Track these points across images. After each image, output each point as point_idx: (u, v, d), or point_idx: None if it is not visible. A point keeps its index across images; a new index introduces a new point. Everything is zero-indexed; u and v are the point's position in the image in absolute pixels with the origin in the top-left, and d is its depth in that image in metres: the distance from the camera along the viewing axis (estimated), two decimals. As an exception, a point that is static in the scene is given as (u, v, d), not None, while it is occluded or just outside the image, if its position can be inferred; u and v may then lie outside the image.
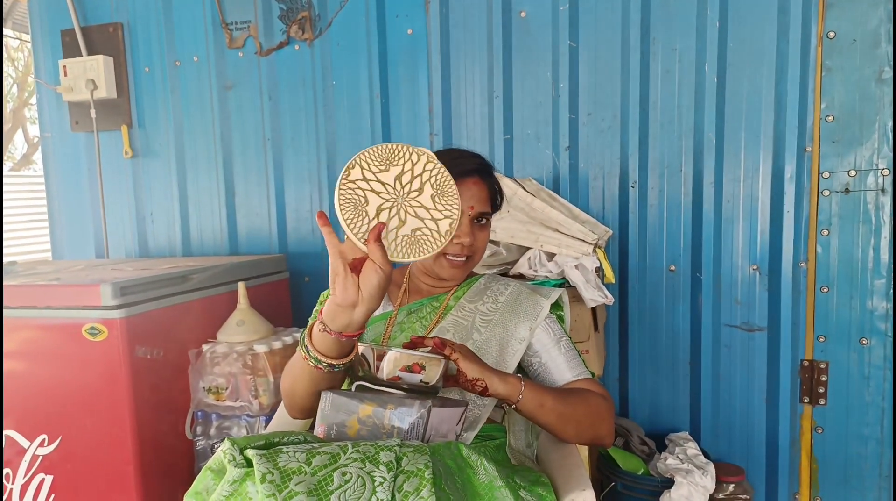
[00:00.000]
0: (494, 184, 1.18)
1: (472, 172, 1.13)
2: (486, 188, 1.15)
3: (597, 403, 1.07)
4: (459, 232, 1.11)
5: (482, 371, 0.99)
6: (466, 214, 1.12)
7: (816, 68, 1.67)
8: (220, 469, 0.85)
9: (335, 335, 0.91)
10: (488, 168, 1.17)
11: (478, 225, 1.15)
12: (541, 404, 1.02)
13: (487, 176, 1.16)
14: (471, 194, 1.12)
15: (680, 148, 1.80)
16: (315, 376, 0.98)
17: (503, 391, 1.00)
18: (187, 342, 1.64)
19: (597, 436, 1.09)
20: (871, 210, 1.67)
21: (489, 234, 1.18)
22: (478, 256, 1.17)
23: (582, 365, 1.15)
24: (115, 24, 2.22)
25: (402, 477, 0.78)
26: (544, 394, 1.03)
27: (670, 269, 1.85)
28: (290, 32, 2.08)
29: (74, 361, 1.46)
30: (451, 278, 1.17)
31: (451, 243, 1.09)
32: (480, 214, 1.13)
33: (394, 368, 0.96)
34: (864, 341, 1.70)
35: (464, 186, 1.11)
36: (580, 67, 1.86)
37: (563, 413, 1.03)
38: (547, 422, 1.04)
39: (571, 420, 1.04)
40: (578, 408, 1.05)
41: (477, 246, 1.15)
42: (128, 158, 2.27)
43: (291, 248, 2.18)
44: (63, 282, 1.50)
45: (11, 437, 1.52)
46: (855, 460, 1.74)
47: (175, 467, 1.59)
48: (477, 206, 1.13)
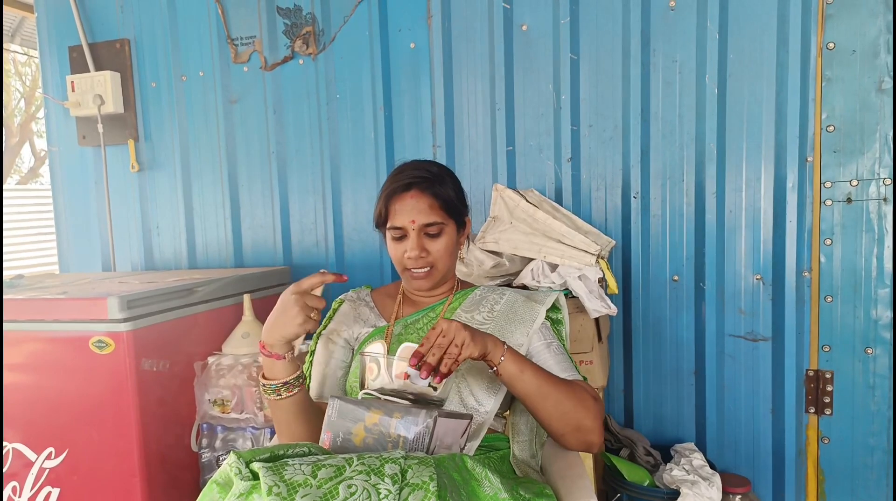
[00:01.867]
0: (441, 192, 1.16)
1: (407, 186, 1.15)
2: (426, 199, 1.14)
3: (582, 394, 1.07)
4: (407, 246, 1.15)
5: (482, 343, 0.99)
6: (410, 228, 1.14)
7: (817, 79, 1.68)
8: (226, 483, 0.85)
9: (265, 353, 1.05)
10: (428, 179, 1.16)
11: (429, 236, 1.15)
12: (521, 370, 1.02)
13: (427, 187, 1.15)
14: (409, 208, 1.14)
15: (682, 158, 1.81)
16: (290, 406, 1.08)
17: (482, 349, 0.99)
18: (193, 354, 1.65)
19: (580, 426, 1.06)
20: (874, 219, 1.67)
21: (450, 240, 1.17)
22: (440, 264, 1.17)
23: (573, 368, 1.15)
24: (122, 41, 2.25)
25: (408, 490, 0.79)
26: (525, 363, 1.03)
27: (674, 279, 1.85)
28: (294, 47, 2.10)
29: (81, 374, 1.47)
30: (419, 288, 1.22)
31: (406, 259, 1.16)
32: (425, 225, 1.14)
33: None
34: (869, 350, 1.70)
35: (402, 201, 1.14)
36: (581, 78, 1.87)
37: (542, 387, 1.03)
38: (527, 392, 1.03)
39: (551, 398, 1.03)
40: (560, 389, 1.04)
41: (435, 256, 1.16)
42: (134, 172, 2.30)
43: (296, 260, 2.19)
44: (70, 296, 1.52)
45: (19, 450, 1.53)
46: (861, 470, 1.73)
47: (180, 479, 1.59)
48: (418, 218, 1.14)
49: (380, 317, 1.25)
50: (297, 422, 1.09)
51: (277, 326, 1.03)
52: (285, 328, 1.02)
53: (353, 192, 2.11)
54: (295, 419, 1.09)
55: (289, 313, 1.02)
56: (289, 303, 1.02)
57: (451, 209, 1.18)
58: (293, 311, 1.01)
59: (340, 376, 1.23)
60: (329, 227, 2.14)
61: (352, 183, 2.11)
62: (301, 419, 1.09)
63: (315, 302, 1.03)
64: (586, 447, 1.09)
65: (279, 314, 1.03)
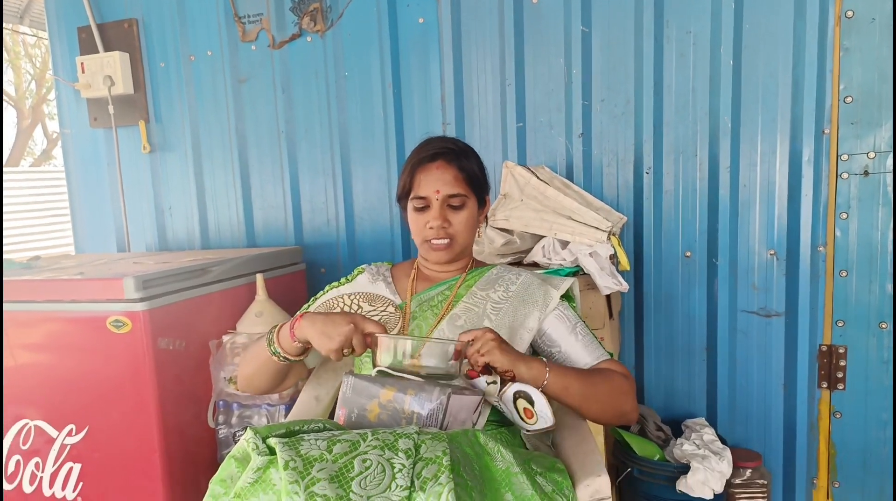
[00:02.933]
0: (466, 166, 1.18)
1: (434, 156, 1.16)
2: (451, 170, 1.16)
3: (619, 381, 1.12)
4: (429, 217, 1.15)
5: (511, 362, 1.03)
6: (434, 198, 1.15)
7: (834, 49, 1.64)
8: (243, 457, 0.87)
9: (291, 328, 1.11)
10: (454, 151, 1.18)
11: (451, 208, 1.16)
12: (565, 387, 1.06)
13: (454, 158, 1.17)
14: (434, 178, 1.15)
15: (695, 133, 1.78)
16: (274, 364, 1.15)
17: (529, 378, 1.04)
18: (208, 333, 1.67)
19: (621, 413, 1.13)
20: (891, 193, 1.64)
21: (471, 214, 1.19)
22: (460, 237, 1.18)
23: (600, 347, 1.19)
24: (130, 20, 2.24)
25: (421, 464, 0.80)
26: (568, 377, 1.07)
27: (686, 255, 1.84)
28: (301, 24, 2.08)
29: (99, 353, 1.50)
30: (437, 260, 1.22)
31: (427, 229, 1.16)
32: (449, 195, 1.15)
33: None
34: (884, 325, 1.68)
35: (427, 172, 1.16)
36: (593, 52, 1.84)
37: (586, 394, 1.08)
38: (572, 403, 1.09)
39: (595, 400, 1.09)
40: (601, 387, 1.09)
41: (456, 228, 1.17)
42: (146, 153, 2.31)
43: (307, 239, 2.20)
44: (87, 276, 1.54)
45: (40, 427, 1.57)
46: (873, 445, 1.73)
47: (198, 455, 1.63)
48: (443, 189, 1.15)
49: (395, 293, 1.26)
50: (267, 373, 1.18)
51: (316, 329, 1.06)
52: (318, 338, 1.05)
53: (363, 171, 2.11)
54: (267, 371, 1.18)
55: (335, 329, 1.04)
56: (340, 324, 1.04)
57: (474, 184, 1.19)
58: (338, 336, 1.03)
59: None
60: (340, 206, 2.15)
61: (361, 162, 2.10)
62: (272, 375, 1.19)
63: (360, 345, 1.05)
64: (626, 422, 1.18)
65: (326, 322, 1.05)
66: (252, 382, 1.22)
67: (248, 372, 1.22)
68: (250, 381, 1.22)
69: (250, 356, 1.21)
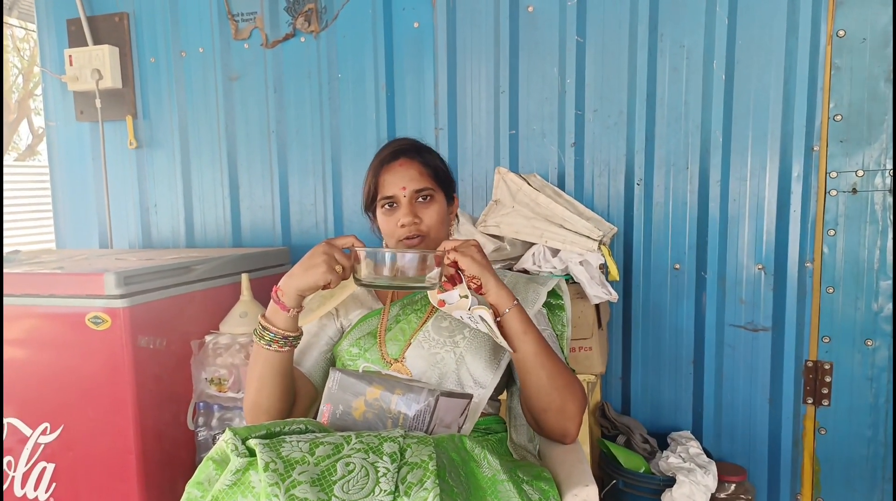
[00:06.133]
0: (430, 160, 1.17)
1: (395, 154, 1.15)
2: (415, 166, 1.15)
3: (575, 380, 1.07)
4: (399, 215, 1.13)
5: (481, 270, 0.99)
6: (402, 195, 1.13)
7: (825, 67, 1.66)
8: (222, 459, 0.84)
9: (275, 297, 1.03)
10: (416, 147, 1.17)
11: (421, 203, 1.15)
12: (525, 330, 1.01)
13: (416, 154, 1.16)
14: (399, 176, 1.13)
15: (686, 146, 1.79)
16: (275, 361, 1.04)
17: (495, 295, 1.00)
18: (190, 332, 1.63)
19: (564, 407, 1.05)
20: (879, 211, 1.66)
21: (441, 209, 1.17)
22: (433, 232, 1.16)
23: (564, 360, 1.14)
24: (121, 14, 2.22)
25: (406, 469, 0.78)
26: (531, 325, 1.03)
27: (675, 267, 1.84)
28: (296, 24, 2.07)
29: (77, 349, 1.46)
30: None
31: (398, 229, 1.13)
32: (416, 191, 1.14)
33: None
34: (869, 342, 1.69)
35: (391, 171, 1.14)
36: (587, 62, 1.85)
37: (540, 355, 1.02)
38: (525, 353, 1.02)
39: (546, 368, 1.02)
40: (557, 364, 1.04)
41: (427, 223, 1.15)
42: (132, 149, 2.27)
43: (295, 240, 2.18)
44: (67, 271, 1.50)
45: (14, 425, 1.53)
46: (857, 461, 1.73)
47: (176, 457, 1.59)
48: (409, 185, 1.13)
49: (376, 299, 1.24)
50: (272, 381, 1.07)
51: (296, 273, 1.01)
52: (304, 276, 0.99)
53: (353, 173, 2.09)
54: (272, 377, 1.06)
55: (314, 260, 1.00)
56: (316, 251, 1.01)
57: (440, 178, 1.17)
58: (319, 259, 0.99)
59: (325, 351, 1.21)
60: (329, 208, 2.13)
61: (352, 164, 2.09)
62: (277, 380, 1.07)
63: (343, 259, 1.01)
64: (562, 432, 1.07)
65: (303, 261, 1.01)
66: (259, 401, 1.09)
67: (252, 393, 1.10)
68: (257, 401, 1.09)
69: (249, 378, 1.11)
